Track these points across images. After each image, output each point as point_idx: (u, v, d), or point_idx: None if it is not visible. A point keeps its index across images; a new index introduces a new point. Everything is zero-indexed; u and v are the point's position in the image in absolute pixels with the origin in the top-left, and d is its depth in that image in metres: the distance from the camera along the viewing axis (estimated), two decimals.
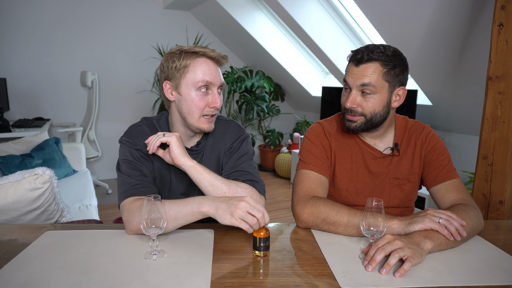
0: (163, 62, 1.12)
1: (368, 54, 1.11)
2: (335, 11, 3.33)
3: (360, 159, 1.24)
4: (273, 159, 4.68)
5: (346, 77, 1.16)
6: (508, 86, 1.71)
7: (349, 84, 1.15)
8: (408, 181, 1.23)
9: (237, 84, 4.29)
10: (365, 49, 1.12)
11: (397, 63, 1.12)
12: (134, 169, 1.09)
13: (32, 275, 0.80)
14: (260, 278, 0.83)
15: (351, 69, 1.14)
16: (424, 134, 1.24)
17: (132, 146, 1.12)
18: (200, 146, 1.19)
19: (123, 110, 4.27)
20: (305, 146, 1.26)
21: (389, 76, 1.12)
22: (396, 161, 1.23)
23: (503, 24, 1.69)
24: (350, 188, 1.24)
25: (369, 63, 1.11)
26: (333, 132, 1.27)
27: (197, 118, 1.11)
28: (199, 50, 1.08)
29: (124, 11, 4.08)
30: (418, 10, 2.29)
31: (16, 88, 3.77)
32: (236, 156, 1.17)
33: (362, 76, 1.11)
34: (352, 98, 1.14)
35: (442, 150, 1.23)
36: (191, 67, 1.08)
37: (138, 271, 0.83)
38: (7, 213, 1.29)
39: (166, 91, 1.13)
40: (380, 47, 1.13)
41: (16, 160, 2.52)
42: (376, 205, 0.89)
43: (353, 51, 1.16)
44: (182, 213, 0.95)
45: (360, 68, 1.12)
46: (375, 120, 1.16)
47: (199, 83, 1.08)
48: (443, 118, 3.02)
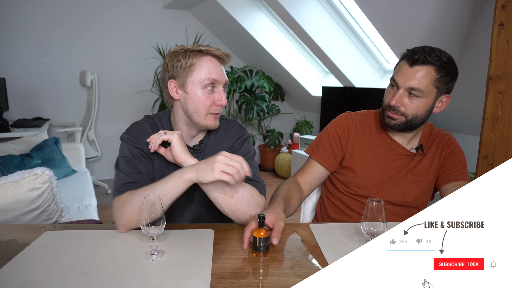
0: (167, 61, 1.12)
1: (425, 57, 1.09)
2: (335, 10, 3.32)
3: (384, 153, 1.26)
4: (273, 159, 4.68)
5: (396, 76, 1.15)
6: (509, 86, 1.71)
7: (398, 83, 1.14)
8: (425, 179, 1.25)
9: (237, 84, 4.29)
10: (422, 50, 1.11)
11: (450, 70, 1.12)
12: (132, 167, 1.09)
13: (31, 275, 0.80)
14: (260, 278, 0.82)
15: (404, 68, 1.13)
16: (446, 139, 1.27)
17: (132, 144, 1.12)
18: (202, 145, 1.19)
19: (122, 110, 4.26)
20: (321, 133, 1.35)
21: (439, 82, 1.12)
22: (417, 160, 1.25)
23: (504, 23, 1.69)
24: (367, 178, 1.25)
25: (423, 65, 1.10)
26: (358, 122, 1.30)
27: (203, 116, 1.11)
28: (204, 49, 1.09)
29: (124, 11, 4.08)
30: (419, 10, 2.29)
31: (15, 88, 3.76)
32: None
33: (413, 78, 1.11)
34: (398, 97, 1.14)
35: (460, 154, 1.25)
36: (197, 66, 1.09)
37: (137, 271, 0.82)
38: (6, 213, 1.28)
39: (171, 90, 1.12)
40: (436, 51, 1.12)
41: (15, 160, 2.51)
42: (376, 206, 0.89)
43: (409, 50, 1.14)
44: (167, 188, 0.97)
45: (414, 69, 1.11)
46: (415, 122, 1.17)
47: (205, 81, 1.08)
48: (444, 118, 3.02)
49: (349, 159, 1.28)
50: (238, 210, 1.03)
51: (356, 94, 3.55)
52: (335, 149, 1.29)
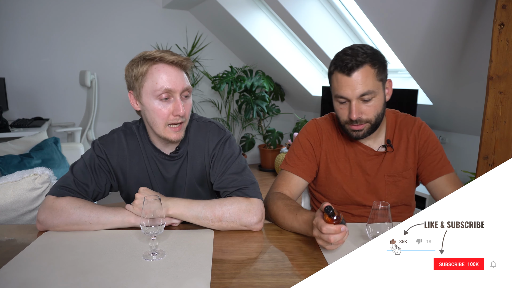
0: (125, 70, 1.06)
1: (356, 60, 1.07)
2: (335, 10, 3.32)
3: (354, 158, 1.24)
4: (273, 159, 4.68)
5: (341, 91, 1.10)
6: (509, 86, 1.71)
7: (347, 97, 1.10)
8: (403, 177, 1.22)
9: (236, 84, 4.29)
10: (349, 56, 1.08)
11: (379, 58, 1.11)
12: (83, 177, 1.08)
13: (31, 276, 0.80)
14: (260, 279, 0.82)
15: (344, 81, 1.09)
16: (416, 128, 1.22)
17: (99, 153, 1.11)
18: (179, 152, 1.14)
19: (122, 110, 4.25)
20: (292, 145, 1.29)
21: (379, 74, 1.11)
22: (389, 158, 1.22)
23: (504, 23, 1.69)
24: (346, 187, 1.23)
25: (360, 68, 1.07)
26: (326, 130, 1.27)
27: (162, 128, 1.05)
28: (155, 55, 1.01)
29: (123, 10, 4.08)
30: (419, 9, 2.29)
31: (15, 88, 3.75)
32: (221, 162, 1.12)
33: (359, 85, 1.08)
34: (356, 109, 1.10)
35: (435, 143, 1.22)
36: (148, 75, 1.01)
37: (137, 272, 0.82)
38: (6, 213, 1.28)
39: (131, 101, 1.09)
40: (358, 49, 1.09)
41: (15, 160, 2.51)
42: (382, 208, 0.88)
43: (336, 62, 1.10)
44: (111, 223, 1.02)
45: (353, 76, 1.08)
46: (378, 120, 1.15)
47: (157, 92, 1.01)
48: (444, 118, 3.02)
49: (324, 169, 1.25)
50: (232, 227, 1.04)
51: None
52: (310, 157, 1.24)
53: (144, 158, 1.14)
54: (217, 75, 4.38)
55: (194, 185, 1.17)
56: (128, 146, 1.13)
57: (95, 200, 1.14)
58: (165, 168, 1.15)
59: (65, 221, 1.01)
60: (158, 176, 1.15)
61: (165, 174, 1.15)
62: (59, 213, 1.01)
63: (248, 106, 4.44)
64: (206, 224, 1.03)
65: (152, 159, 1.14)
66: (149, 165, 1.14)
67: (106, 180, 1.12)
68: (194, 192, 1.18)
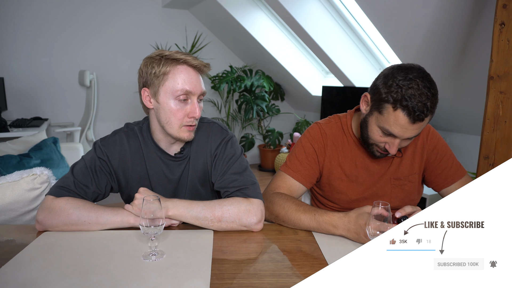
0: (142, 66, 1.06)
1: (425, 113, 0.98)
2: (335, 10, 3.32)
3: (362, 162, 1.22)
4: (273, 159, 4.67)
5: (395, 130, 1.02)
6: (510, 86, 1.70)
7: (398, 135, 1.03)
8: (408, 181, 1.21)
9: (236, 84, 4.28)
10: (424, 107, 0.97)
11: (436, 103, 1.02)
12: (84, 178, 1.08)
13: (30, 276, 0.80)
14: (260, 279, 0.82)
15: (405, 124, 1.00)
16: (424, 133, 1.21)
17: (100, 154, 1.11)
18: (184, 153, 1.15)
19: (121, 109, 4.26)
20: (295, 148, 1.26)
21: (431, 117, 1.03)
22: (396, 162, 1.21)
23: (505, 23, 1.69)
24: (350, 193, 1.22)
25: (424, 119, 1.00)
26: (331, 134, 1.23)
27: (176, 128, 1.06)
28: (180, 57, 1.03)
29: (123, 10, 4.07)
30: (419, 9, 2.29)
31: (14, 88, 3.75)
32: (222, 162, 1.13)
33: (414, 130, 1.02)
34: (397, 146, 1.06)
35: (444, 148, 1.21)
36: (170, 75, 1.03)
37: (137, 272, 0.82)
38: (5, 214, 1.28)
39: (144, 98, 1.08)
40: (432, 98, 0.99)
41: (14, 160, 2.50)
42: (383, 209, 0.88)
43: (404, 100, 0.98)
44: (110, 223, 1.02)
45: (416, 125, 1.00)
46: None
47: (178, 92, 1.03)
48: (444, 118, 3.02)
49: (328, 175, 1.23)
50: (232, 227, 1.04)
51: (356, 93, 3.55)
52: (313, 164, 1.21)
53: (146, 160, 1.14)
54: (216, 75, 4.37)
55: (196, 185, 1.17)
56: (130, 148, 1.13)
57: (94, 201, 1.14)
58: (169, 169, 1.15)
59: (64, 221, 1.01)
60: (161, 177, 1.15)
61: (169, 175, 1.15)
62: (58, 213, 1.01)
63: (248, 106, 4.44)
64: (205, 224, 1.03)
65: (155, 160, 1.14)
66: (151, 167, 1.14)
67: (106, 181, 1.12)
68: (196, 192, 1.18)
